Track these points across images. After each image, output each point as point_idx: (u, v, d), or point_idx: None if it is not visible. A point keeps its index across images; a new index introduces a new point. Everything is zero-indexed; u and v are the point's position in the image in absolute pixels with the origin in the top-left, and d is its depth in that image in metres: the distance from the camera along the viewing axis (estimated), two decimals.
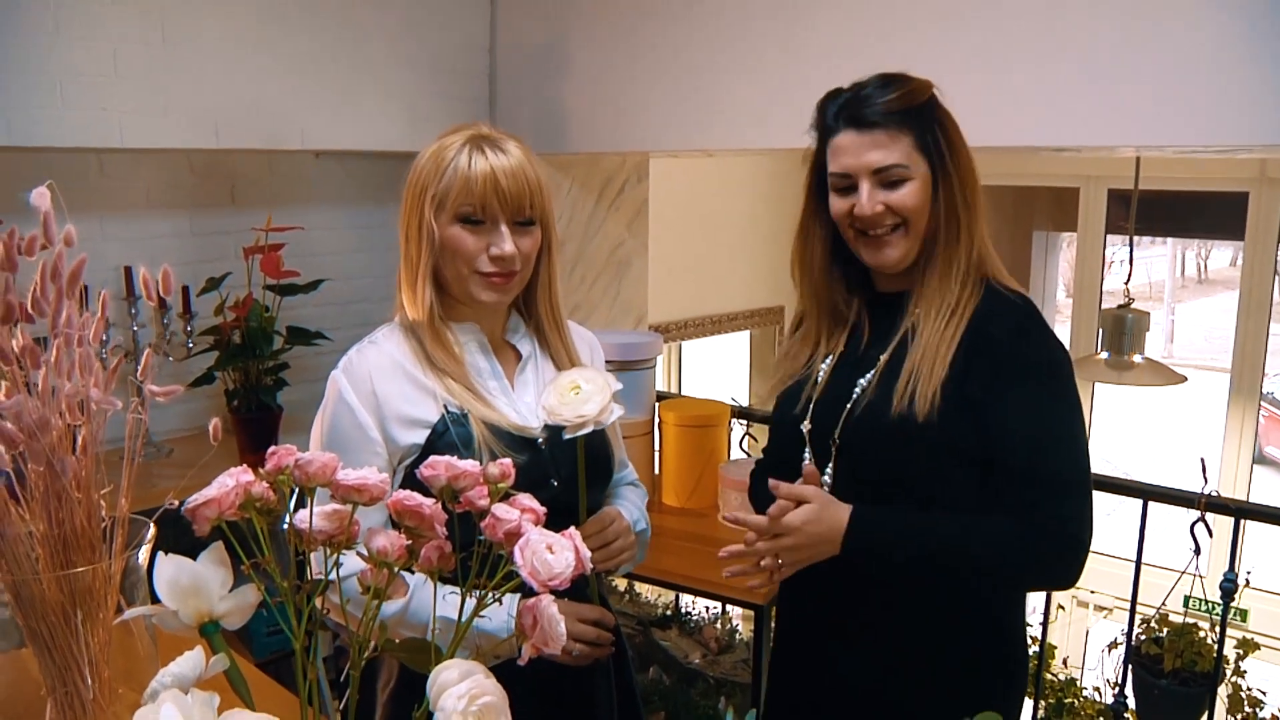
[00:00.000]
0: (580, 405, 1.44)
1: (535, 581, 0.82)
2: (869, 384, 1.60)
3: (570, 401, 1.45)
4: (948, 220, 1.56)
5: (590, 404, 1.44)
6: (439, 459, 0.90)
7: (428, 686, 0.80)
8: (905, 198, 1.55)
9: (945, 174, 1.55)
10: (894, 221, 1.56)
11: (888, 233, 1.57)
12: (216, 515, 0.86)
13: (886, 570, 1.57)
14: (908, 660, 1.61)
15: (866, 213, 1.55)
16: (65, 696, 1.24)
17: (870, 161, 1.55)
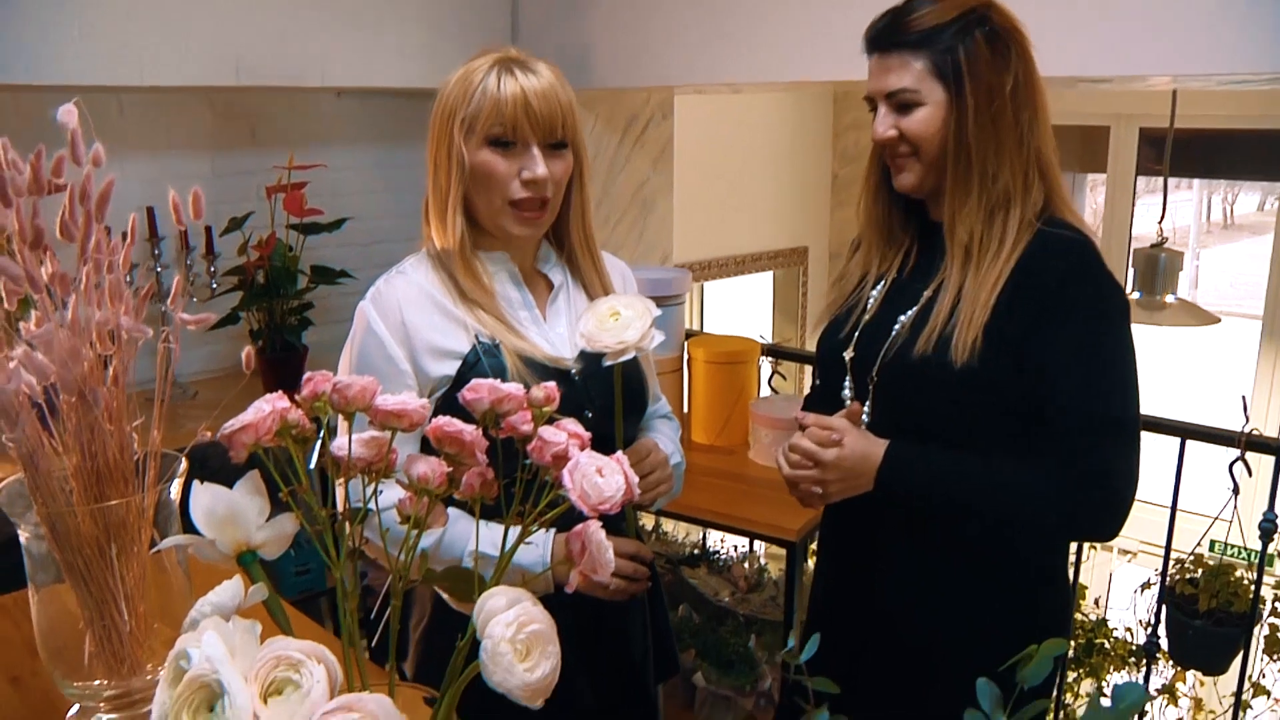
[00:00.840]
0: (621, 331, 1.41)
1: (585, 505, 0.79)
2: (908, 321, 1.56)
3: (610, 328, 1.42)
4: (956, 148, 1.50)
5: (631, 330, 1.40)
6: (482, 382, 0.87)
7: (475, 614, 0.78)
8: (913, 124, 1.51)
9: (960, 99, 1.49)
10: (907, 148, 1.53)
11: (904, 157, 1.54)
12: (253, 441, 0.84)
13: (920, 511, 1.54)
14: (947, 594, 1.58)
15: (879, 137, 1.54)
16: (103, 630, 1.24)
17: (883, 86, 1.53)
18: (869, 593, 1.65)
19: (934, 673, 1.57)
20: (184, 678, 0.68)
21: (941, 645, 1.58)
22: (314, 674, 0.68)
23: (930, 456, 1.51)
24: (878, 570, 1.63)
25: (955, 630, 1.57)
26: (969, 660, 1.56)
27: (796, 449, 1.53)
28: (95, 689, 1.25)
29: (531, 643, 0.76)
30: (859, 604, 1.67)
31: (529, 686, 0.75)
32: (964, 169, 1.50)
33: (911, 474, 1.50)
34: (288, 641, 0.70)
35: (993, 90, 1.48)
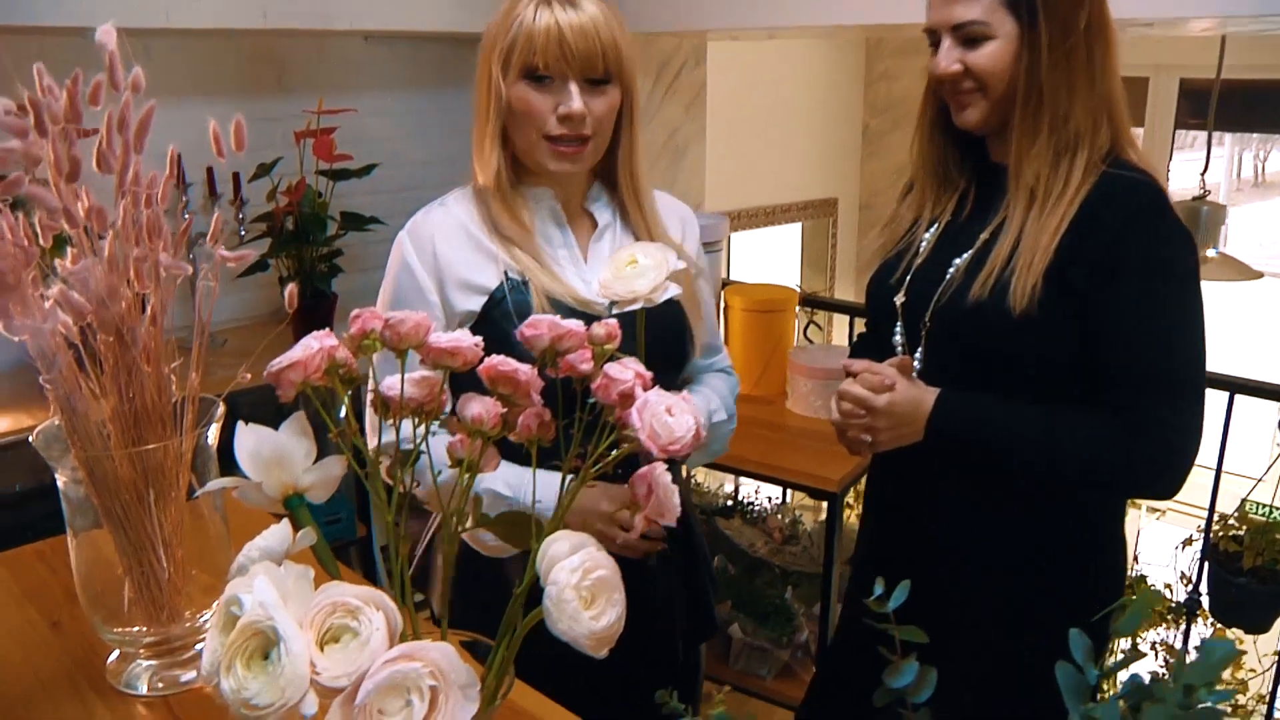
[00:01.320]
0: (632, 280, 1.35)
1: (654, 446, 0.75)
2: (963, 264, 1.50)
3: (624, 275, 1.37)
4: (1027, 86, 1.43)
5: (643, 279, 1.35)
6: (541, 318, 0.83)
7: (538, 560, 0.74)
8: (981, 58, 1.43)
9: (1033, 34, 1.41)
10: (972, 84, 1.46)
11: (968, 93, 1.47)
12: (301, 379, 0.80)
13: (971, 461, 1.49)
14: (999, 547, 1.54)
15: (941, 71, 1.46)
16: (142, 576, 1.22)
17: (949, 17, 1.44)
18: (918, 545, 1.60)
19: (985, 626, 1.53)
20: (236, 624, 0.65)
21: (994, 597, 1.53)
22: (373, 621, 0.65)
23: (982, 404, 1.45)
24: (928, 522, 1.58)
25: (1007, 583, 1.53)
26: (1020, 613, 1.54)
27: (847, 395, 1.48)
28: (135, 635, 1.23)
29: (597, 589, 0.73)
30: (908, 556, 1.62)
31: (595, 635, 0.72)
32: (1034, 108, 1.43)
33: (963, 422, 1.45)
34: (343, 587, 0.67)
35: (1067, 25, 1.40)
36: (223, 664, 0.65)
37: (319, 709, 0.64)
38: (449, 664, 0.64)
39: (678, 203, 1.71)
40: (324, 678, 0.63)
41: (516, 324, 1.45)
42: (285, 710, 0.62)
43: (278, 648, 0.64)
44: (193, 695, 1.23)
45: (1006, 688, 1.50)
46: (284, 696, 0.62)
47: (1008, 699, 1.50)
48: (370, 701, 0.62)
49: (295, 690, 0.63)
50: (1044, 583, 1.51)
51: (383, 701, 0.63)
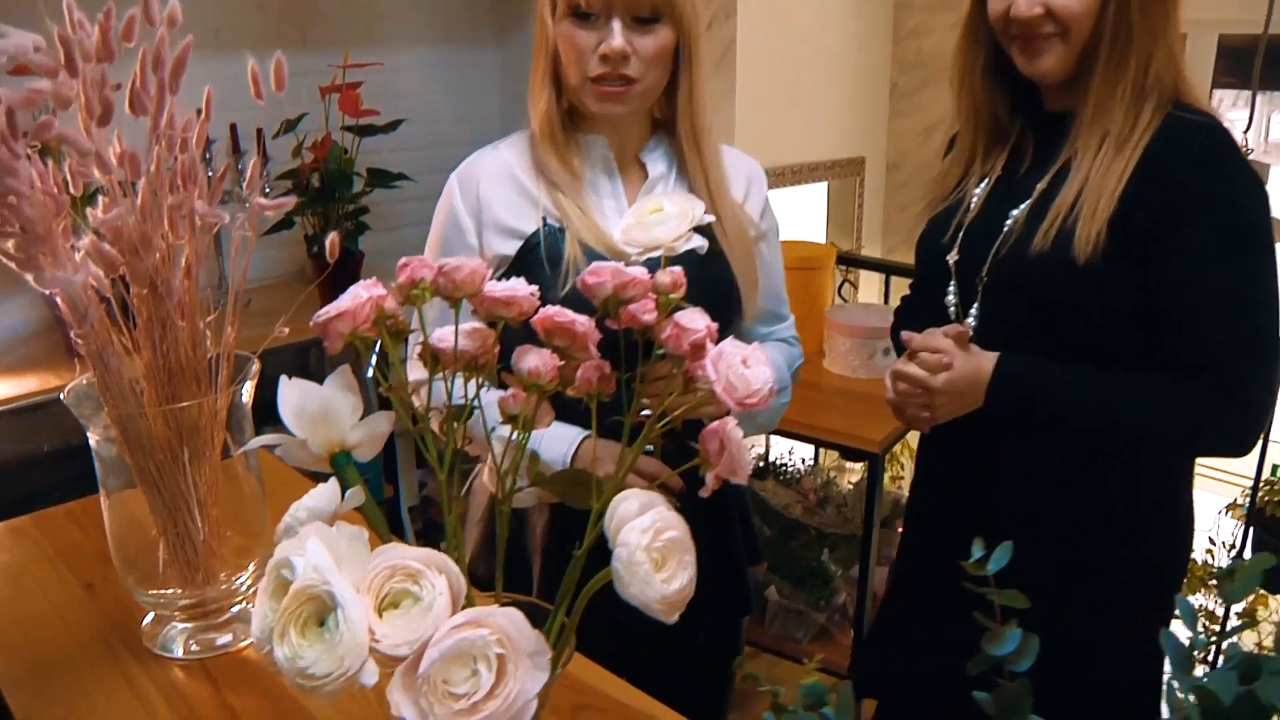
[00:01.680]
0: (653, 228, 1.29)
1: (730, 399, 0.71)
2: (1021, 216, 1.43)
3: (646, 222, 1.30)
4: (1115, 29, 1.35)
5: (664, 228, 1.28)
6: (604, 265, 0.78)
7: (606, 520, 0.70)
8: (1068, 0, 1.35)
9: None
10: (1053, 28, 1.37)
11: (1045, 38, 1.38)
12: (350, 330, 0.76)
13: (1033, 427, 1.43)
14: (1060, 515, 1.48)
15: (1023, 14, 1.37)
16: (176, 537, 1.18)
17: None
18: (973, 514, 1.54)
19: (1047, 597, 1.47)
20: (290, 589, 0.61)
21: (1054, 567, 1.47)
22: (435, 585, 0.61)
23: (1044, 368, 1.39)
24: (986, 489, 1.52)
25: (1067, 553, 1.47)
26: (1083, 584, 1.47)
27: (903, 377, 1.42)
28: (170, 598, 1.20)
29: (668, 551, 0.69)
30: (963, 523, 1.57)
31: (666, 599, 0.68)
32: (1119, 53, 1.35)
33: (1024, 387, 1.39)
34: (402, 549, 0.63)
35: None
36: (275, 631, 0.61)
37: (379, 679, 0.60)
38: (517, 631, 0.60)
39: (746, 159, 1.63)
40: (384, 646, 0.59)
41: (549, 272, 1.42)
42: (344, 680, 0.58)
43: (334, 614, 0.60)
44: (229, 659, 1.20)
45: (1068, 658, 1.45)
46: (342, 665, 0.58)
47: (1068, 670, 1.45)
48: (434, 671, 0.58)
49: (354, 659, 0.59)
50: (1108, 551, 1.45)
51: (447, 671, 0.59)
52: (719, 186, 1.51)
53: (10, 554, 1.41)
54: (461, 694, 0.59)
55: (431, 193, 3.20)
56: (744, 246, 1.50)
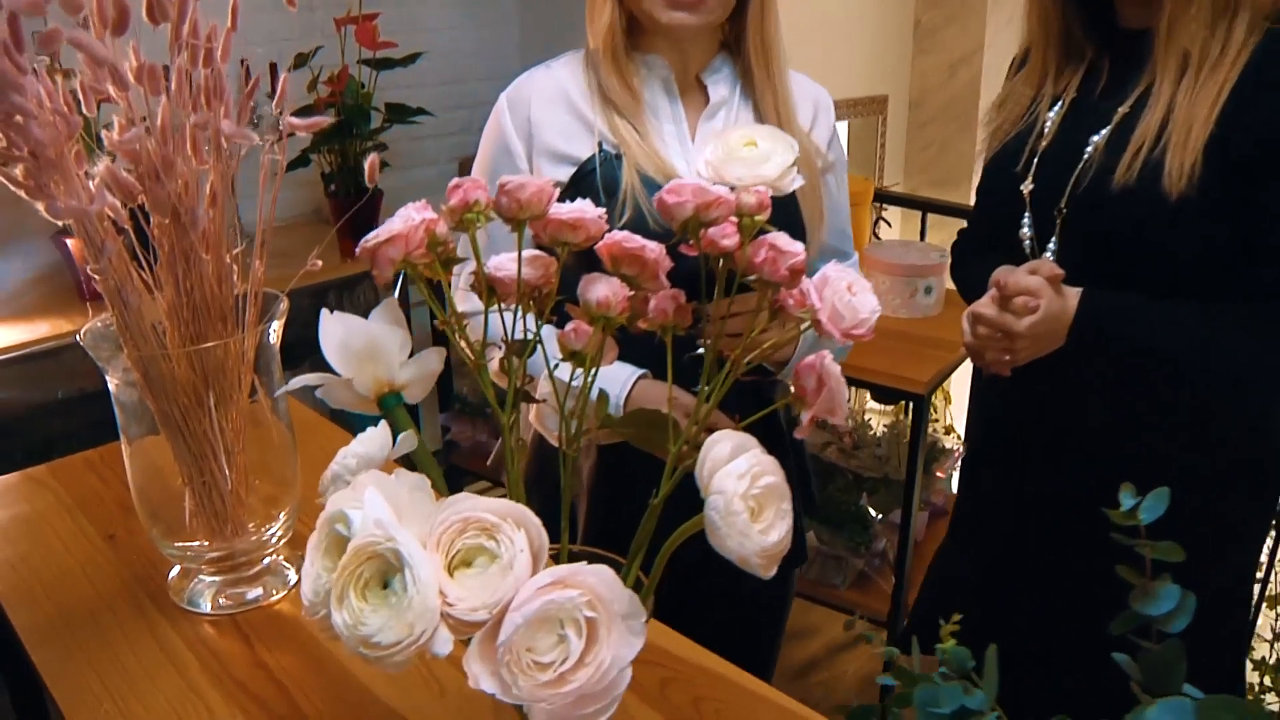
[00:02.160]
0: (758, 165, 1.20)
1: (836, 329, 0.63)
2: (1101, 142, 1.32)
3: (743, 157, 1.21)
4: None
5: (770, 164, 1.19)
6: (685, 182, 0.70)
7: (698, 465, 0.62)
8: None
9: None
10: None
11: None
12: (401, 256, 0.68)
13: (1118, 369, 1.34)
14: (1147, 464, 1.38)
15: None
16: (202, 487, 1.11)
17: None
18: (1055, 453, 1.45)
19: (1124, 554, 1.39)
20: (349, 547, 0.53)
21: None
22: (515, 541, 0.53)
23: (1132, 303, 1.29)
24: (1065, 436, 1.43)
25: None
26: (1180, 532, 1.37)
27: (983, 320, 1.32)
28: (197, 550, 1.14)
29: (765, 498, 0.61)
30: (1040, 464, 1.47)
31: (766, 552, 0.60)
32: None
33: (1110, 324, 1.29)
34: (475, 500, 0.55)
35: None
36: (333, 594, 0.53)
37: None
38: (609, 590, 0.53)
39: (814, 85, 1.52)
40: (458, 610, 0.52)
41: (603, 201, 1.32)
42: (414, 649, 0.51)
43: (401, 575, 0.52)
44: (261, 613, 1.14)
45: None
46: (412, 633, 0.51)
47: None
48: (518, 639, 0.51)
49: (425, 625, 0.51)
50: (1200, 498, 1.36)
51: (532, 638, 0.52)
52: (788, 111, 1.41)
53: (28, 504, 1.34)
54: (548, 663, 0.52)
55: (449, 130, 3.13)
56: (811, 177, 1.41)
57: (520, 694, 0.51)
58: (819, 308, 0.62)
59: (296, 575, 1.20)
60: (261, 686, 1.02)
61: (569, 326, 0.75)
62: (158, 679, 1.03)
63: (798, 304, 0.69)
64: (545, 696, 0.51)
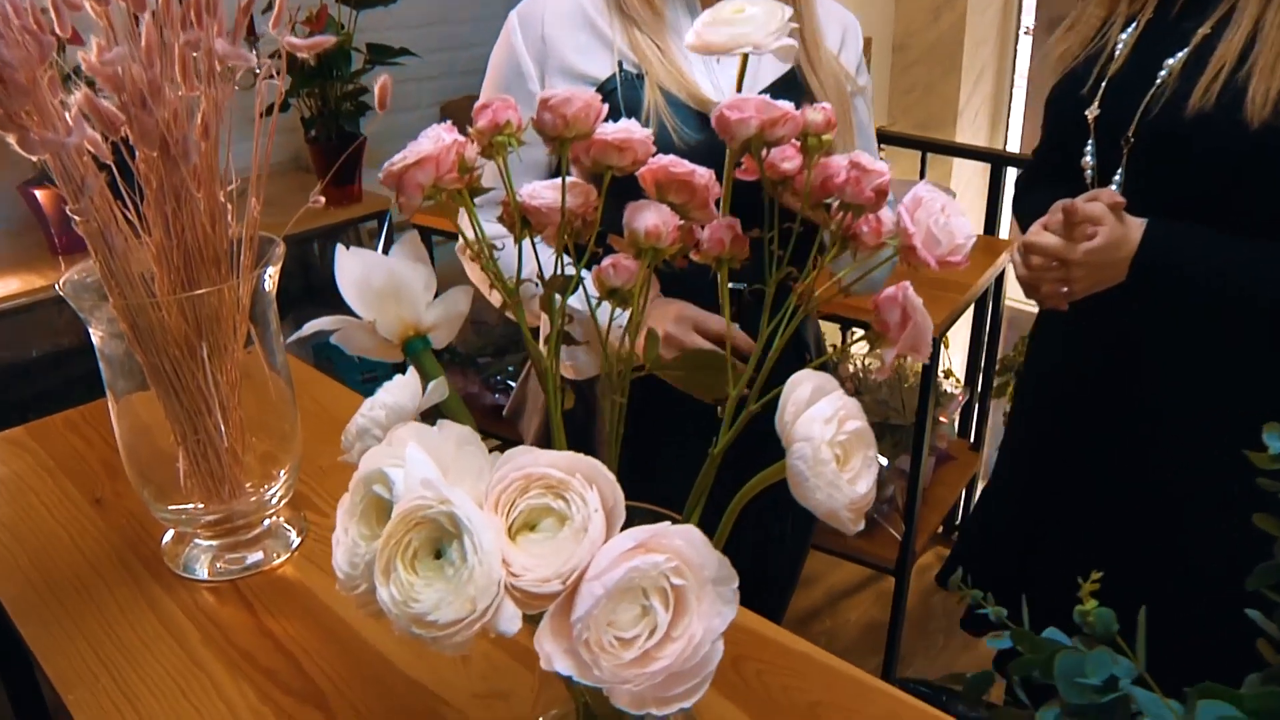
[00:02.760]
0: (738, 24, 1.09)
1: (931, 256, 0.55)
2: (1176, 66, 1.24)
3: (727, 19, 1.10)
4: None
5: (751, 25, 1.08)
6: (748, 98, 0.62)
7: (779, 413, 0.55)
8: None
9: None
10: None
11: None
12: (431, 181, 0.60)
13: (1184, 306, 1.26)
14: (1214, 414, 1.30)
15: None
16: (197, 445, 1.04)
17: None
18: (1109, 414, 1.38)
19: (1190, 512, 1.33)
20: (395, 511, 0.46)
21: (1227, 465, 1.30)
22: (588, 501, 0.46)
23: (1204, 235, 1.21)
24: (1129, 383, 1.35)
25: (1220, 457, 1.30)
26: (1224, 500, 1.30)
27: (1036, 249, 1.25)
28: (192, 514, 1.07)
29: (851, 445, 0.54)
30: (1093, 424, 1.41)
31: (856, 504, 0.54)
32: None
33: (1179, 256, 1.21)
34: (534, 453, 0.48)
35: None
36: (378, 566, 0.46)
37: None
38: (698, 553, 0.46)
39: (842, 9, 1.44)
40: (526, 581, 0.45)
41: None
42: (477, 627, 0.44)
43: (459, 542, 0.45)
44: (263, 578, 1.07)
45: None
46: (475, 609, 0.44)
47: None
48: (598, 612, 0.44)
49: (488, 599, 0.44)
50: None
51: (613, 611, 0.45)
52: (813, 30, 1.32)
53: (6, 467, 1.26)
54: (631, 638, 0.45)
55: (431, 73, 3.02)
56: (840, 100, 1.32)
57: (601, 675, 0.44)
58: (912, 231, 0.55)
59: (299, 537, 1.13)
60: (269, 657, 0.95)
61: (606, 261, 0.67)
62: (156, 651, 0.96)
63: (873, 231, 0.62)
64: (630, 676, 0.44)
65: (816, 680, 0.94)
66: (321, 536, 1.13)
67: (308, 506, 1.18)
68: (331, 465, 1.24)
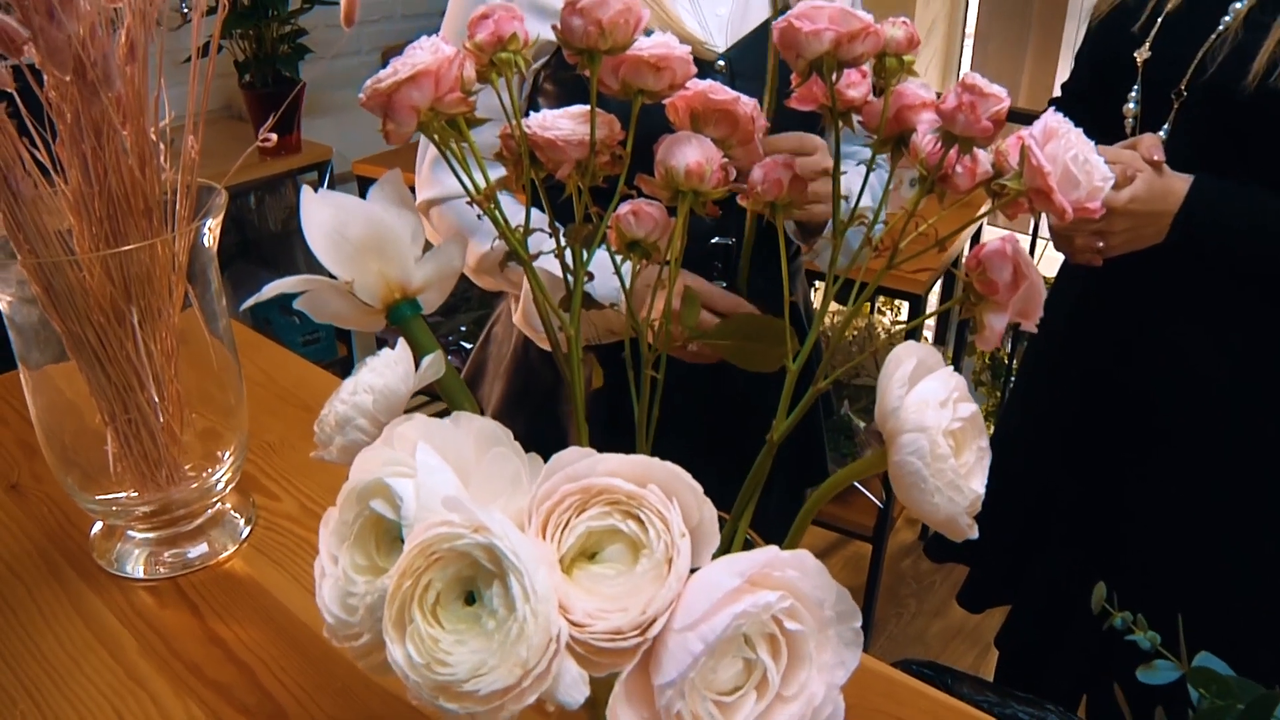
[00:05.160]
0: None
1: (1064, 200, 0.44)
2: (1242, 11, 1.10)
3: None
4: None
5: None
6: (821, 5, 0.50)
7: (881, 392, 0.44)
8: None
9: None
10: None
11: None
12: (429, 101, 0.47)
13: (1231, 273, 1.16)
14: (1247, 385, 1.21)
15: None
16: (128, 424, 0.90)
17: None
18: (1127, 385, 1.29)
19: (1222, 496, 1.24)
20: (411, 542, 0.34)
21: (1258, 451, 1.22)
22: (671, 524, 0.34)
23: (1258, 195, 1.10)
24: (1156, 355, 1.26)
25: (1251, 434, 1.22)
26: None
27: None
28: (125, 503, 0.93)
29: (964, 435, 0.43)
30: (1108, 390, 1.31)
31: (974, 505, 0.43)
32: None
33: (1226, 216, 1.10)
34: (592, 458, 0.36)
35: None
36: (387, 616, 0.34)
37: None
38: (814, 587, 0.35)
39: None
40: (591, 633, 0.33)
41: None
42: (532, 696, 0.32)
43: (503, 584, 0.33)
44: (209, 575, 0.94)
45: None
46: (527, 674, 0.32)
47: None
48: (697, 676, 0.32)
49: (545, 659, 0.32)
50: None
51: (712, 670, 0.33)
52: None
53: None
54: (732, 702, 0.33)
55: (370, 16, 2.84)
56: None
57: None
58: (1048, 170, 0.43)
59: (247, 526, 1.00)
60: (219, 668, 0.83)
61: (625, 209, 0.55)
62: (86, 665, 0.83)
63: (969, 172, 0.51)
64: None
65: None
66: (273, 524, 1.00)
67: (256, 489, 1.05)
68: (280, 441, 1.11)
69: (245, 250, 2.70)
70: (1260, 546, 1.21)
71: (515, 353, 1.30)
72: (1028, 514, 1.42)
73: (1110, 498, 1.32)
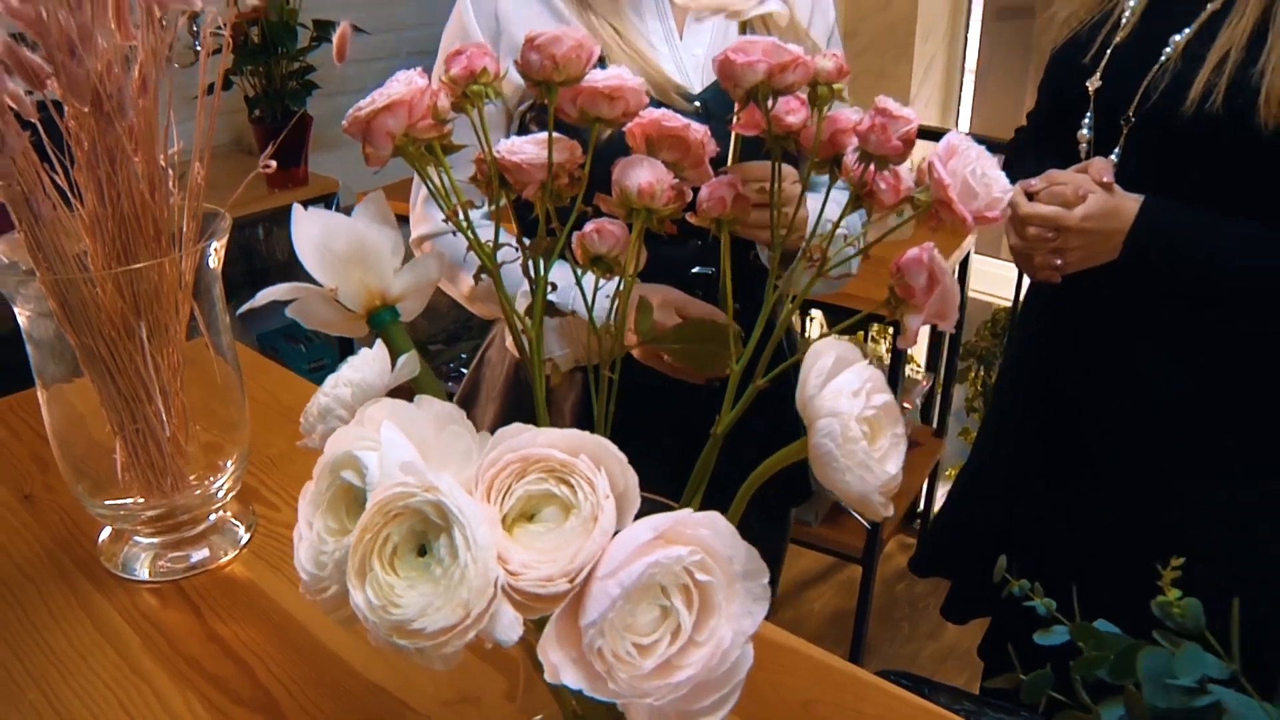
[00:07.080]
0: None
1: (965, 210, 0.49)
2: (1182, 44, 1.17)
3: None
4: None
5: None
6: (756, 39, 0.55)
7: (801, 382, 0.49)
8: None
9: None
10: None
11: None
12: (405, 127, 0.53)
13: (1181, 292, 1.21)
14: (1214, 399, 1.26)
15: None
16: (136, 435, 0.95)
17: None
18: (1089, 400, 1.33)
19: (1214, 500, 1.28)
20: (371, 501, 0.39)
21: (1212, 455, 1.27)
22: (597, 485, 0.40)
23: (1206, 217, 1.15)
24: (1120, 373, 1.30)
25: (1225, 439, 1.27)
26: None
27: (1032, 219, 1.18)
28: (131, 509, 0.98)
29: (879, 421, 0.49)
30: (1073, 409, 1.35)
31: (888, 486, 0.48)
32: None
33: (1178, 235, 1.15)
34: (530, 432, 0.41)
35: None
36: (351, 566, 0.39)
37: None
38: (725, 544, 0.40)
39: None
40: (526, 580, 0.39)
41: None
42: (469, 635, 0.38)
43: (448, 536, 0.38)
44: (210, 578, 0.99)
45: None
46: (469, 613, 0.37)
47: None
48: (614, 616, 0.37)
49: (484, 602, 0.38)
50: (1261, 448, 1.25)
51: (630, 613, 0.38)
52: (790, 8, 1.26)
53: None
54: (650, 644, 0.38)
55: (382, 53, 2.92)
56: None
57: (618, 688, 0.38)
58: (948, 183, 0.49)
59: (247, 533, 1.05)
60: (217, 664, 0.88)
61: (589, 227, 0.61)
62: (92, 660, 0.88)
63: (892, 188, 0.56)
64: (651, 689, 0.38)
65: (807, 676, 0.89)
66: (272, 531, 1.06)
67: (257, 500, 1.10)
68: (281, 455, 1.16)
69: (253, 279, 2.77)
70: (1220, 561, 1.25)
71: (508, 375, 1.37)
72: (1003, 528, 1.47)
73: (1073, 514, 1.37)
